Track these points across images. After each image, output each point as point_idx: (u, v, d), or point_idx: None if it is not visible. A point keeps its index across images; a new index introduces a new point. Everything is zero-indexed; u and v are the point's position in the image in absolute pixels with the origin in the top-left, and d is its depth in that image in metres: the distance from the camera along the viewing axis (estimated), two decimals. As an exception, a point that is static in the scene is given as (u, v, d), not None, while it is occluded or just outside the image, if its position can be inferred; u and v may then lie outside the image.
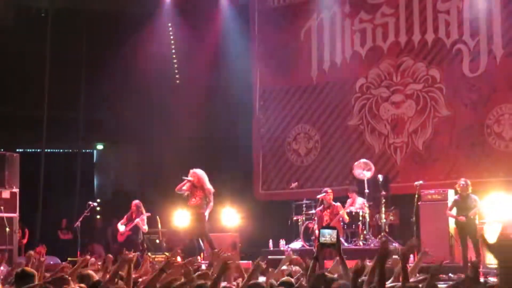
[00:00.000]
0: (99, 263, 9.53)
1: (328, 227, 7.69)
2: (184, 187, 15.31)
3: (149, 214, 16.52)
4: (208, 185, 15.26)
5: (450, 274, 12.78)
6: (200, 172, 15.34)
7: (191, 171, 15.33)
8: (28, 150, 22.27)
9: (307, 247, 16.03)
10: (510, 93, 16.69)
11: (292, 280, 6.93)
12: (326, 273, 6.13)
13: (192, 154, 19.28)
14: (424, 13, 17.95)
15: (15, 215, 16.19)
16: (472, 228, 14.12)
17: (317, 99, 19.33)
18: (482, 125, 17.00)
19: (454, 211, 14.38)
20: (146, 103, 20.82)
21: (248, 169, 20.12)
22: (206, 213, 15.28)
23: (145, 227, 16.23)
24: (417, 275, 7.02)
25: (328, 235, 6.26)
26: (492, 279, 12.46)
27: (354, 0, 18.98)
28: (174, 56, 21.25)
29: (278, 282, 6.68)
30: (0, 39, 19.90)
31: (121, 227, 16.30)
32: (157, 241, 18.08)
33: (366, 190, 16.37)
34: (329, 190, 16.24)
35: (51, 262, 15.63)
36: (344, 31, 19.04)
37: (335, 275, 6.26)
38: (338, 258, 6.56)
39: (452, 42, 17.55)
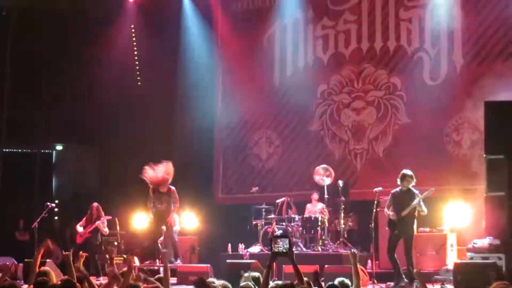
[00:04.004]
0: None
1: (281, 235, 7.69)
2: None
3: (110, 217, 16.44)
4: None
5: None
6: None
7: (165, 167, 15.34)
8: (-14, 149, 21.94)
9: (266, 252, 16.04)
10: (470, 102, 16.80)
11: None
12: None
13: (153, 156, 19.16)
14: (386, 21, 18.09)
15: (-28, 215, 15.97)
16: (404, 228, 12.96)
17: (278, 104, 19.36)
18: (442, 133, 17.17)
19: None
20: (107, 104, 20.65)
21: (208, 172, 20.07)
22: (175, 216, 15.45)
23: (106, 230, 16.18)
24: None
25: (281, 243, 6.26)
26: (449, 286, 12.63)
27: (317, 6, 19.05)
28: (136, 57, 21.11)
29: None
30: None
31: (80, 229, 16.20)
32: (116, 243, 17.96)
33: (326, 196, 16.45)
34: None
35: (7, 263, 15.45)
36: (307, 37, 19.10)
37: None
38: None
39: (413, 50, 17.72)
